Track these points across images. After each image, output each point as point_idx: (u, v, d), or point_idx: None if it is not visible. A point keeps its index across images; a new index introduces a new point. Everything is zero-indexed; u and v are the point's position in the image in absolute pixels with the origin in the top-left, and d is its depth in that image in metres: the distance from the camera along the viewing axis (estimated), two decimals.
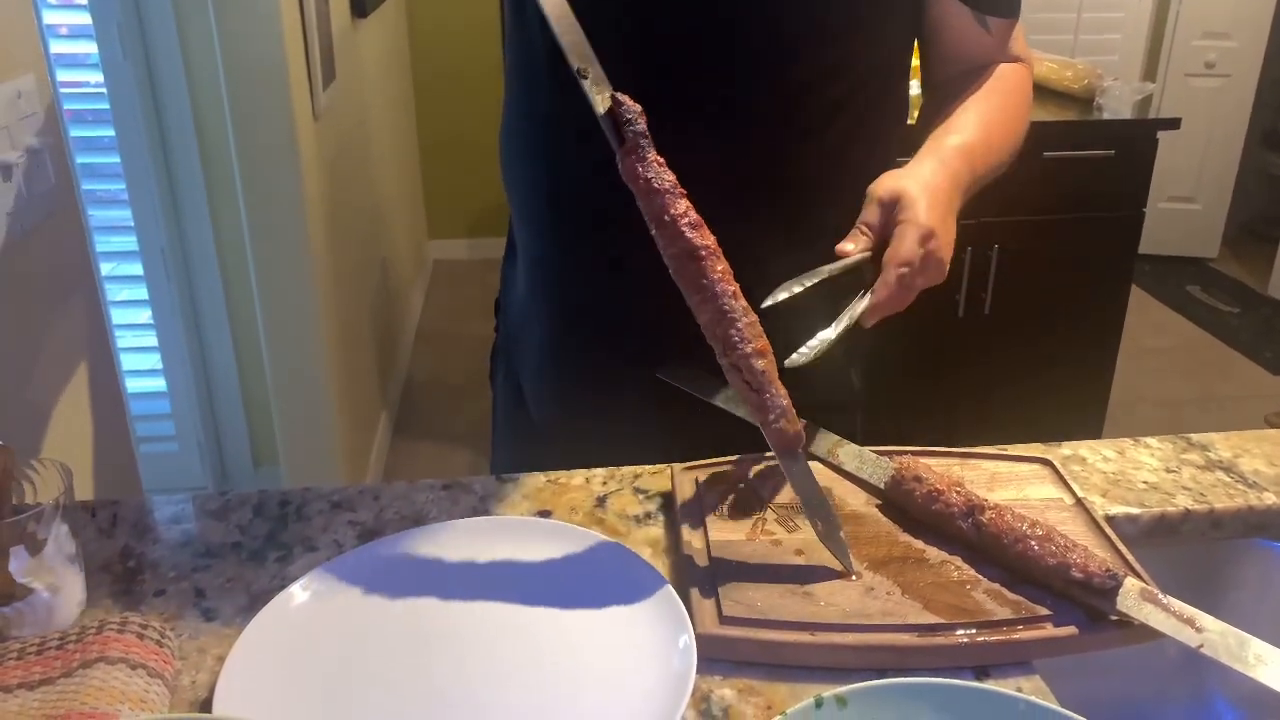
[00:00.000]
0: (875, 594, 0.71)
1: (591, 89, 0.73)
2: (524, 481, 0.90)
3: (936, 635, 0.68)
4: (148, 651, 0.65)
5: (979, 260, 2.52)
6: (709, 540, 0.77)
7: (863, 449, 0.86)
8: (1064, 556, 0.70)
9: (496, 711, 0.64)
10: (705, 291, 0.71)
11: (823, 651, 0.68)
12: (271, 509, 0.85)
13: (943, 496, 0.77)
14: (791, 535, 0.78)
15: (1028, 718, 0.59)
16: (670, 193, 0.71)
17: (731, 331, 0.71)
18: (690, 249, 0.71)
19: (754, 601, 0.71)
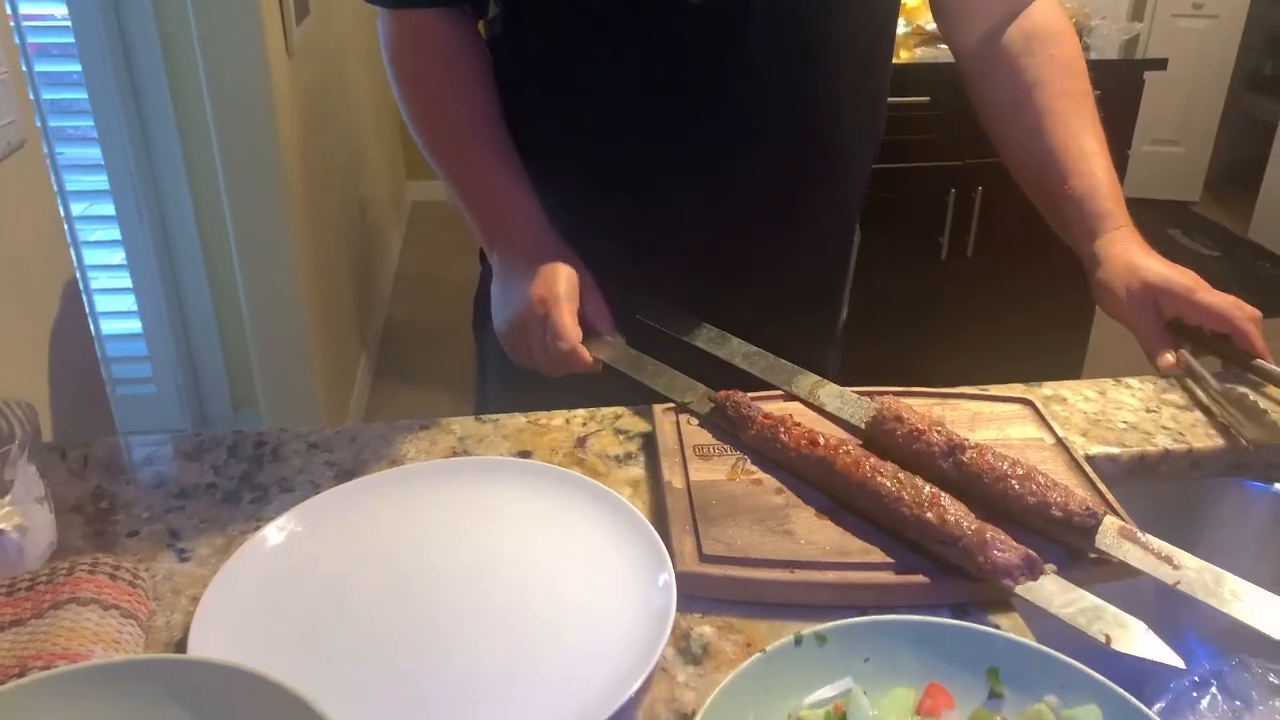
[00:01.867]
0: (854, 532, 0.71)
1: (695, 405, 0.86)
2: (504, 423, 0.89)
3: (916, 573, 0.68)
4: (120, 593, 0.64)
5: (962, 202, 2.51)
6: (689, 480, 0.77)
7: (843, 389, 0.86)
8: (1044, 495, 0.70)
9: (475, 651, 0.64)
10: (864, 491, 0.72)
11: (802, 589, 0.68)
12: (247, 450, 0.84)
13: (923, 436, 0.76)
14: (771, 476, 0.78)
15: (1005, 654, 0.59)
16: (781, 432, 0.78)
17: (903, 510, 0.70)
18: (823, 462, 0.75)
19: (734, 540, 0.70)
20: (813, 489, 0.76)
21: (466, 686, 0.61)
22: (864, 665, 0.59)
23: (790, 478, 0.77)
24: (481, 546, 0.73)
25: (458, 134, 1.00)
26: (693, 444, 0.82)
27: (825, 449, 0.75)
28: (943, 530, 0.67)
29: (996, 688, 0.58)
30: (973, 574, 0.66)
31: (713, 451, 0.81)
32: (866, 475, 0.72)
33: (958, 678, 0.59)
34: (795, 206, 1.03)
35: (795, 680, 0.58)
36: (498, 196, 0.98)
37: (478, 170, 0.99)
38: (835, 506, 0.74)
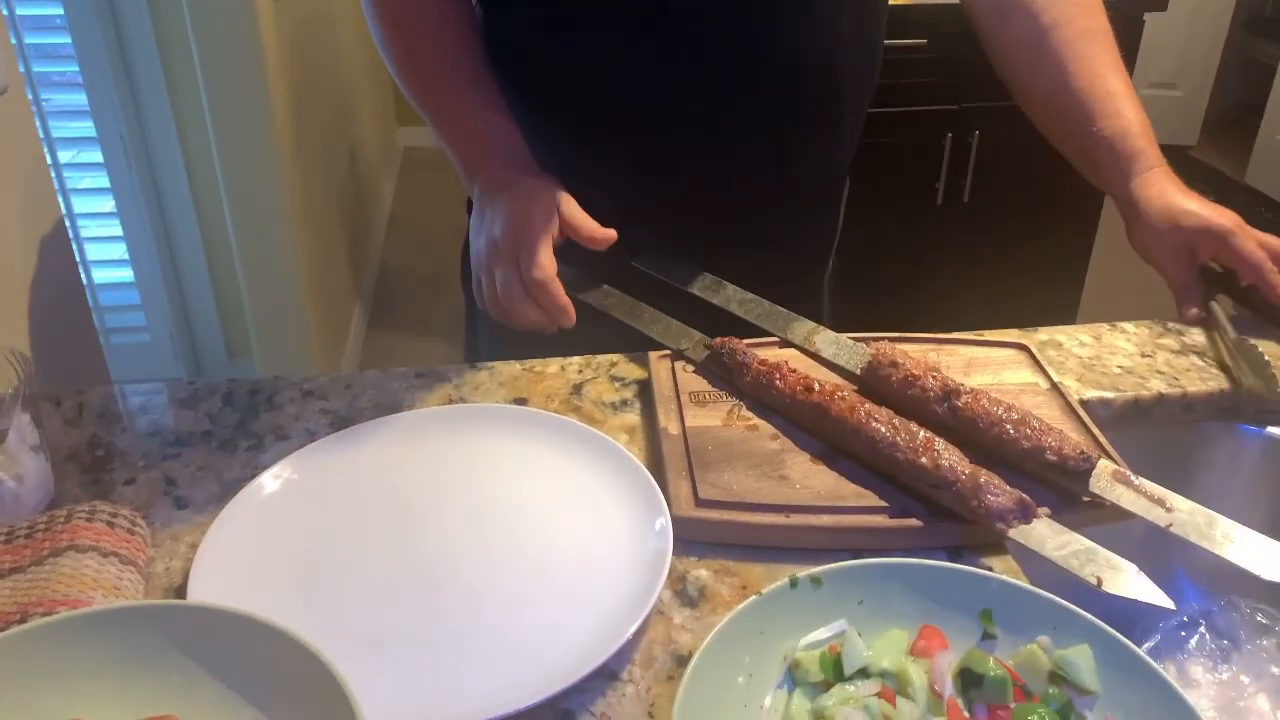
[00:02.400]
0: (849, 477, 0.72)
1: (691, 352, 0.86)
2: (499, 370, 0.89)
3: (910, 517, 0.68)
4: (118, 539, 0.65)
5: (959, 147, 2.48)
6: (685, 426, 0.77)
7: (839, 336, 0.85)
8: (1039, 440, 0.70)
9: (473, 595, 0.64)
10: (859, 436, 0.72)
11: (798, 533, 0.68)
12: (242, 398, 0.84)
13: (919, 381, 0.76)
14: (767, 422, 0.78)
15: (999, 596, 0.60)
16: (777, 378, 0.79)
17: (897, 455, 0.70)
18: (818, 408, 0.75)
19: (730, 485, 0.71)
20: (808, 434, 0.76)
21: (464, 630, 0.62)
22: (858, 607, 0.60)
23: (786, 423, 0.77)
24: (478, 493, 0.73)
25: (435, 65, 0.98)
26: (689, 390, 0.82)
27: (820, 395, 0.75)
28: (937, 475, 0.67)
29: (990, 629, 0.59)
30: (966, 518, 0.67)
31: (709, 398, 0.81)
32: (861, 420, 0.72)
33: (951, 619, 0.59)
34: (789, 148, 1.01)
35: (790, 622, 0.58)
36: (475, 128, 0.95)
37: (456, 102, 0.96)
38: (830, 452, 0.74)
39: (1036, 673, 0.56)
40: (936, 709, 0.54)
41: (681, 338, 0.88)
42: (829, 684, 0.56)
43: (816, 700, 0.56)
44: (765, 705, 0.56)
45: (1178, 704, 0.53)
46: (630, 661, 0.61)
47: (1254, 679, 0.75)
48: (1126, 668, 0.55)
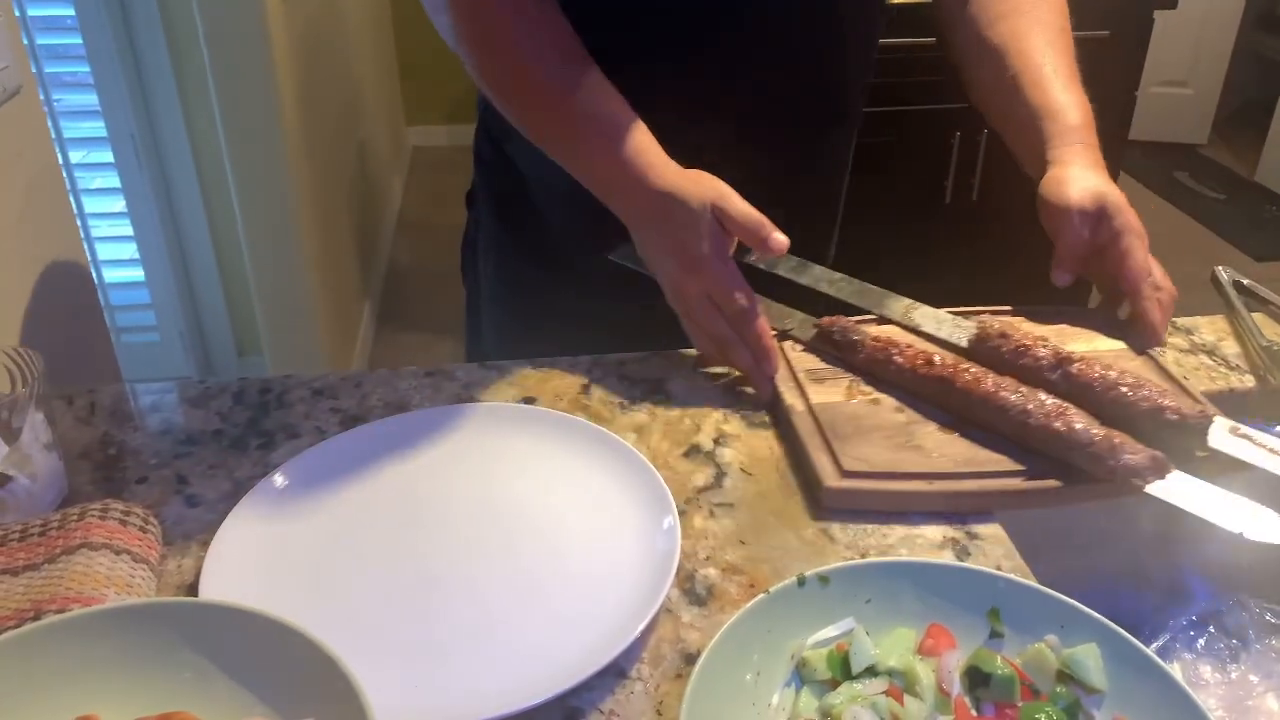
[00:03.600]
0: (981, 444, 0.75)
1: (797, 331, 0.88)
2: (508, 369, 0.89)
3: (1048, 478, 0.71)
4: (131, 537, 0.65)
5: (967, 147, 2.48)
6: (810, 403, 0.79)
7: (938, 310, 0.89)
8: (1157, 400, 0.73)
9: (483, 593, 0.65)
10: (987, 406, 0.75)
11: (943, 498, 0.71)
12: (252, 397, 0.84)
13: (1030, 351, 0.79)
14: (887, 395, 0.81)
15: (1007, 594, 0.60)
16: (895, 353, 0.81)
17: (1029, 421, 0.73)
18: (942, 380, 0.78)
19: (870, 456, 0.74)
20: (931, 406, 0.79)
21: (474, 628, 0.62)
22: (866, 606, 0.60)
23: (906, 395, 0.80)
24: (488, 491, 0.73)
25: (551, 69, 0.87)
26: (804, 368, 0.84)
27: (943, 367, 0.78)
28: (1071, 438, 0.70)
29: (997, 627, 0.59)
30: (1101, 476, 0.70)
31: (825, 375, 0.84)
32: (990, 390, 0.75)
33: (959, 618, 0.60)
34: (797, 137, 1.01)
35: (799, 620, 0.59)
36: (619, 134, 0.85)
37: (587, 107, 0.86)
38: (956, 421, 0.77)
39: (1044, 671, 0.56)
40: (944, 707, 0.54)
41: (785, 318, 0.90)
42: (836, 682, 0.57)
43: (824, 698, 0.56)
44: (773, 703, 0.56)
45: (1186, 703, 0.53)
46: (639, 660, 0.61)
47: (1263, 678, 0.75)
48: (1134, 666, 0.55)
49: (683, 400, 0.86)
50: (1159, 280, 0.85)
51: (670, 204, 0.82)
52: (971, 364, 0.79)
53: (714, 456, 0.79)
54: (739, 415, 0.84)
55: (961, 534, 0.71)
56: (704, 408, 0.85)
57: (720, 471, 0.77)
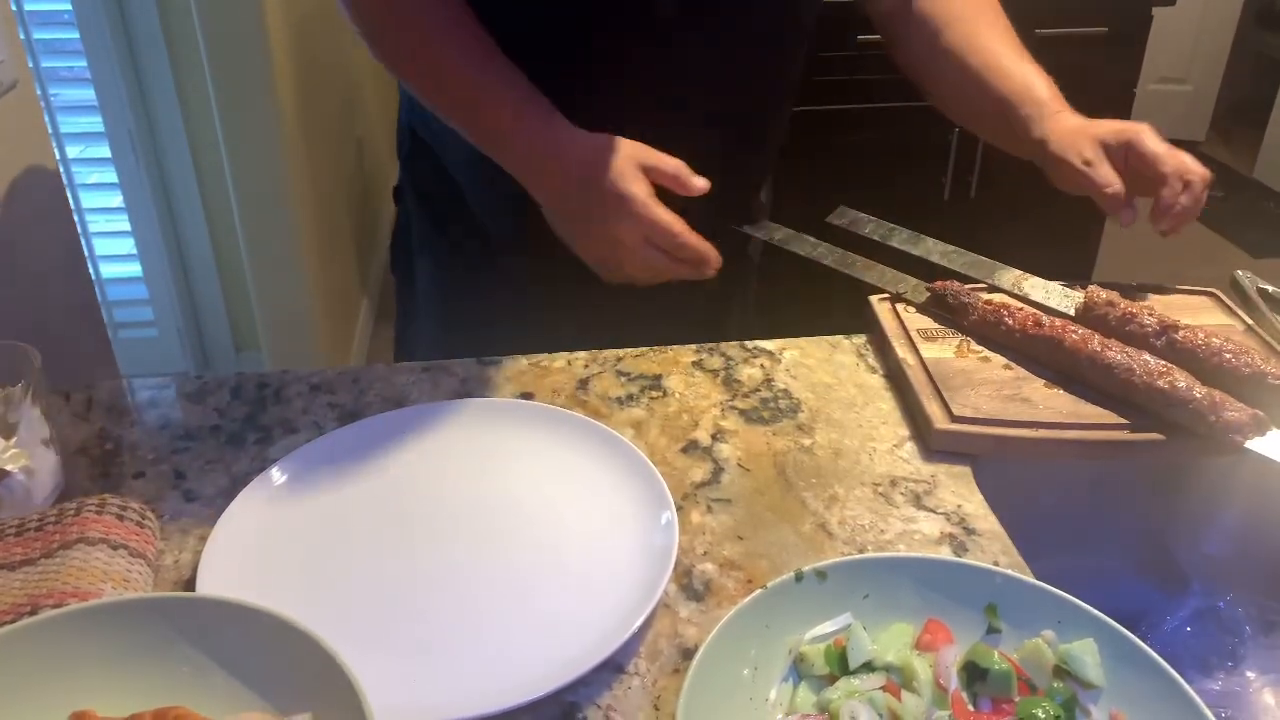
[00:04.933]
0: (1086, 399, 0.79)
1: (910, 295, 0.93)
2: (505, 365, 0.89)
3: (1151, 432, 0.76)
4: (128, 532, 0.65)
5: (966, 142, 2.48)
6: (923, 358, 0.85)
7: (1046, 281, 0.93)
8: (1260, 367, 0.77)
9: (480, 588, 0.65)
10: (1094, 365, 0.79)
11: (1046, 446, 0.76)
12: (250, 392, 0.84)
13: (1136, 318, 0.83)
14: (997, 355, 0.86)
15: (1004, 590, 0.60)
16: (1006, 315, 0.86)
17: (1134, 380, 0.77)
18: (1051, 340, 0.83)
19: (978, 405, 0.79)
20: (1038, 364, 0.83)
21: (472, 623, 0.62)
22: (864, 601, 0.60)
23: (1014, 355, 0.85)
24: (485, 487, 0.73)
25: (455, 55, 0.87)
26: (915, 328, 0.90)
27: (1051, 328, 0.83)
28: (1174, 395, 0.74)
29: (995, 623, 0.59)
30: (1202, 432, 0.74)
31: (936, 334, 0.89)
32: (1096, 350, 0.79)
33: (956, 613, 0.60)
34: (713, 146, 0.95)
35: (796, 616, 0.59)
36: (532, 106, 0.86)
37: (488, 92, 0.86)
38: (1063, 378, 0.82)
39: (1041, 667, 0.56)
40: (941, 702, 0.54)
41: (898, 282, 0.95)
42: (834, 677, 0.57)
43: (822, 693, 0.56)
44: (770, 698, 0.56)
45: (1182, 697, 0.53)
46: (636, 655, 0.61)
47: (1259, 674, 0.75)
48: (1131, 662, 0.55)
49: (680, 396, 0.86)
50: (1189, 166, 0.89)
51: (598, 158, 0.82)
52: (1079, 325, 0.84)
53: (712, 452, 0.79)
54: (737, 412, 0.84)
55: (959, 530, 0.71)
56: (702, 404, 0.85)
57: (718, 467, 0.78)
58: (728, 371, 0.90)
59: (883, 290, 0.96)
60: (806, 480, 0.76)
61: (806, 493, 0.75)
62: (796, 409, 0.84)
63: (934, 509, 0.73)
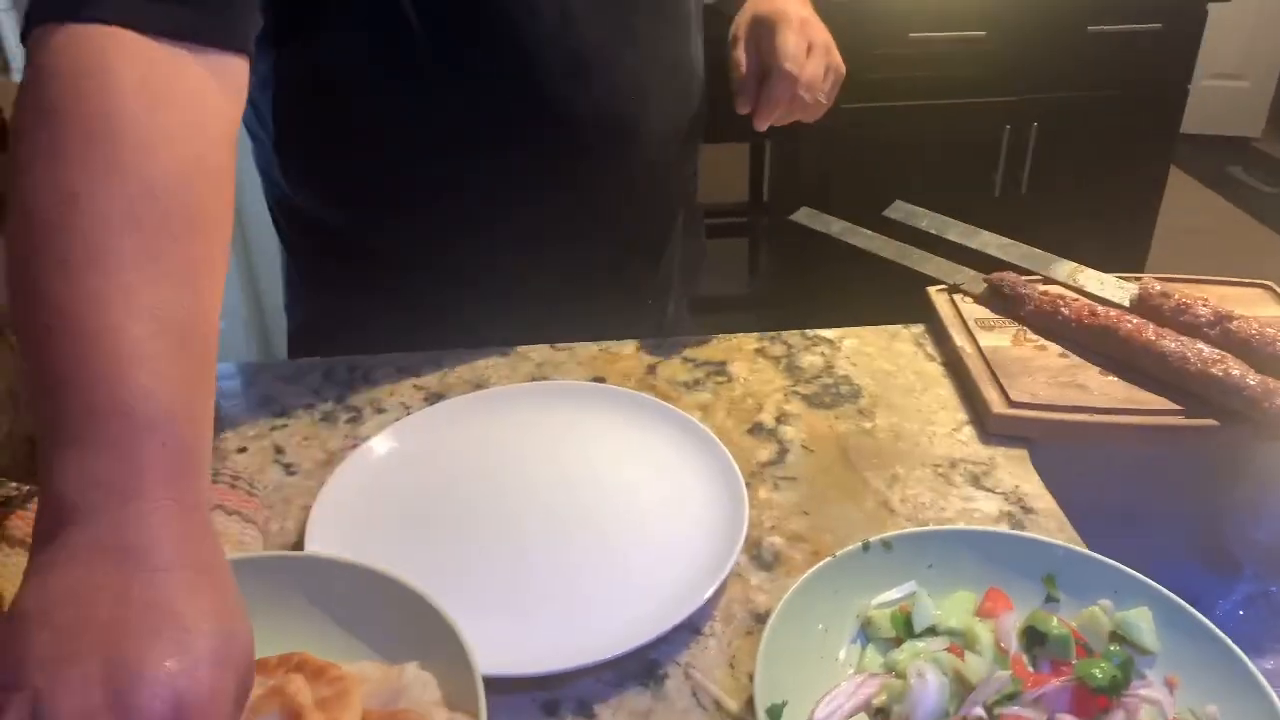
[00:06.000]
0: (1141, 387, 0.82)
1: (967, 285, 0.96)
2: (578, 350, 0.93)
3: (1206, 418, 0.78)
4: (239, 499, 0.70)
5: (1017, 138, 2.48)
6: (980, 346, 0.88)
7: (1102, 274, 0.96)
8: None
9: (565, 557, 0.69)
10: (1149, 353, 0.82)
11: (1102, 430, 0.79)
12: (340, 374, 0.89)
13: (1191, 308, 0.86)
14: (1053, 344, 0.88)
15: (1063, 561, 0.63)
16: (1062, 305, 0.89)
17: (1188, 368, 0.79)
18: (1106, 330, 0.85)
19: (1035, 390, 0.82)
20: (1093, 353, 0.86)
21: (558, 587, 0.67)
22: (928, 571, 0.63)
23: (1070, 344, 0.88)
24: (566, 463, 0.77)
25: None
26: (973, 317, 0.93)
27: (1107, 318, 0.86)
28: (1229, 382, 0.77)
29: (1053, 592, 0.62)
30: (1256, 419, 0.76)
31: (993, 324, 0.92)
32: (1151, 339, 0.82)
33: (1016, 583, 0.63)
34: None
35: (863, 583, 0.62)
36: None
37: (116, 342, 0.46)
38: (1117, 366, 0.84)
39: (1098, 633, 0.59)
40: (1003, 663, 0.57)
41: (955, 274, 0.98)
42: (899, 640, 0.60)
43: (889, 654, 0.60)
44: (840, 658, 0.60)
45: (1236, 664, 0.55)
46: (711, 618, 0.65)
47: None
48: (1186, 630, 0.58)
49: (745, 381, 0.90)
50: (806, 71, 0.85)
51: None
52: (1134, 315, 0.86)
53: (776, 434, 0.83)
54: (800, 396, 0.87)
55: (1017, 509, 0.74)
56: (765, 389, 0.88)
57: (783, 448, 0.81)
58: (789, 358, 0.93)
59: (940, 281, 0.99)
60: (868, 461, 0.80)
61: (868, 472, 0.78)
62: (857, 394, 0.88)
63: (992, 489, 0.76)
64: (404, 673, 0.54)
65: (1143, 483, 0.84)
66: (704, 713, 0.59)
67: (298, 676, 0.50)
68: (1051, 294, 0.92)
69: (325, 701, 0.50)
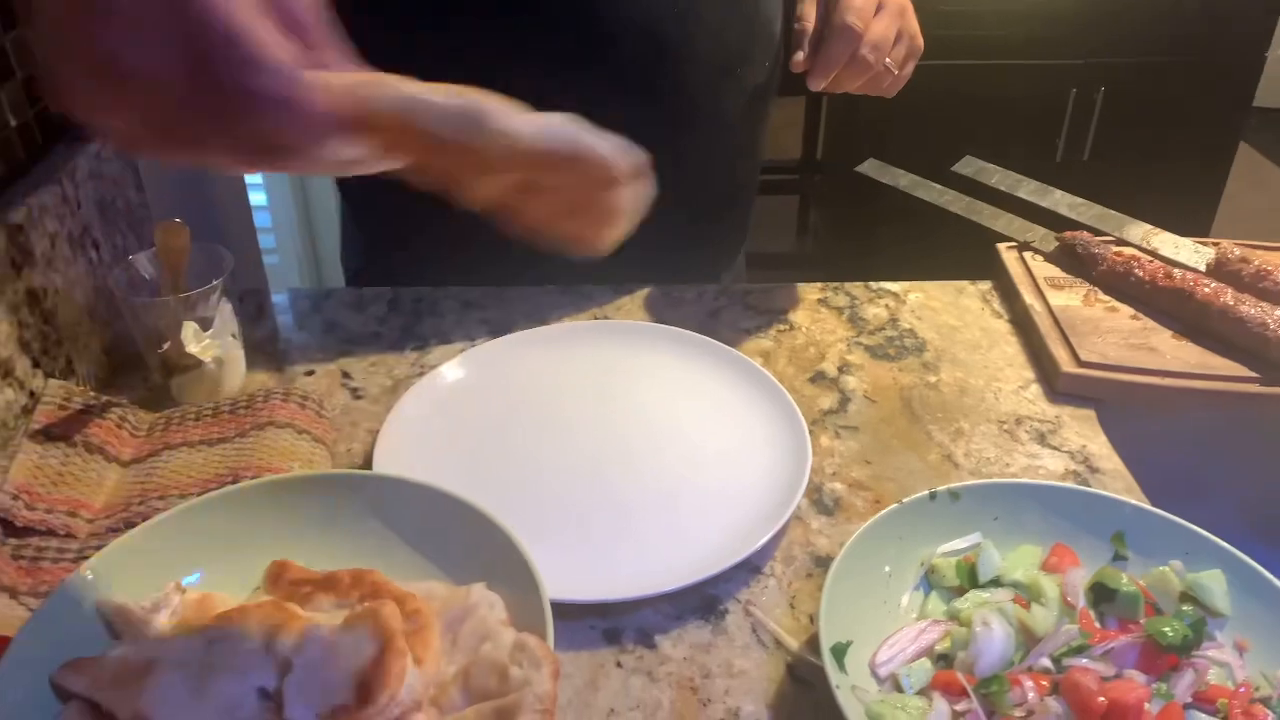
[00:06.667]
0: (1214, 352, 0.81)
1: (1039, 244, 0.94)
2: (639, 293, 0.93)
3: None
4: (309, 419, 0.71)
5: (1082, 102, 2.42)
6: (1050, 305, 0.87)
7: (1177, 236, 0.94)
8: None
9: (628, 492, 0.69)
10: (1225, 318, 0.81)
11: (1174, 395, 0.78)
12: (406, 305, 0.90)
13: (1271, 274, 0.84)
14: (1124, 305, 0.87)
15: (1132, 519, 0.62)
16: (1136, 267, 0.87)
17: (1267, 333, 0.78)
18: (1180, 293, 0.84)
19: (1105, 351, 0.81)
20: (1167, 316, 0.85)
21: (620, 519, 0.67)
22: (993, 523, 0.63)
23: (1142, 306, 0.87)
24: (630, 400, 0.78)
25: None
26: (1042, 276, 0.91)
27: (1183, 281, 0.84)
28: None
29: (1121, 551, 0.62)
30: None
31: (1064, 283, 0.91)
32: (1229, 303, 0.81)
33: (1083, 539, 0.62)
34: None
35: (928, 531, 0.62)
36: None
37: None
38: (1191, 330, 0.83)
39: (1168, 593, 0.58)
40: (1069, 618, 0.57)
41: (1027, 231, 0.97)
42: (963, 589, 0.60)
43: (951, 603, 0.59)
44: (903, 603, 0.60)
45: None
46: (771, 558, 0.65)
47: None
48: (1259, 594, 0.57)
49: (807, 330, 0.89)
50: (873, 30, 0.81)
51: None
52: (1210, 279, 0.85)
53: (838, 383, 0.82)
54: (863, 347, 0.87)
55: (1083, 468, 0.73)
56: (828, 339, 0.88)
57: (845, 397, 0.81)
58: (853, 310, 0.92)
59: (1009, 239, 0.97)
60: (932, 414, 0.79)
61: (932, 425, 0.78)
62: (922, 348, 0.87)
63: (1058, 447, 0.76)
64: (471, 592, 0.55)
65: (1212, 450, 0.82)
66: (763, 649, 0.59)
67: (390, 602, 0.51)
68: (1125, 255, 0.90)
69: (405, 635, 0.51)
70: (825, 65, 0.81)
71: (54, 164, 0.77)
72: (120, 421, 0.70)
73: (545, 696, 0.48)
